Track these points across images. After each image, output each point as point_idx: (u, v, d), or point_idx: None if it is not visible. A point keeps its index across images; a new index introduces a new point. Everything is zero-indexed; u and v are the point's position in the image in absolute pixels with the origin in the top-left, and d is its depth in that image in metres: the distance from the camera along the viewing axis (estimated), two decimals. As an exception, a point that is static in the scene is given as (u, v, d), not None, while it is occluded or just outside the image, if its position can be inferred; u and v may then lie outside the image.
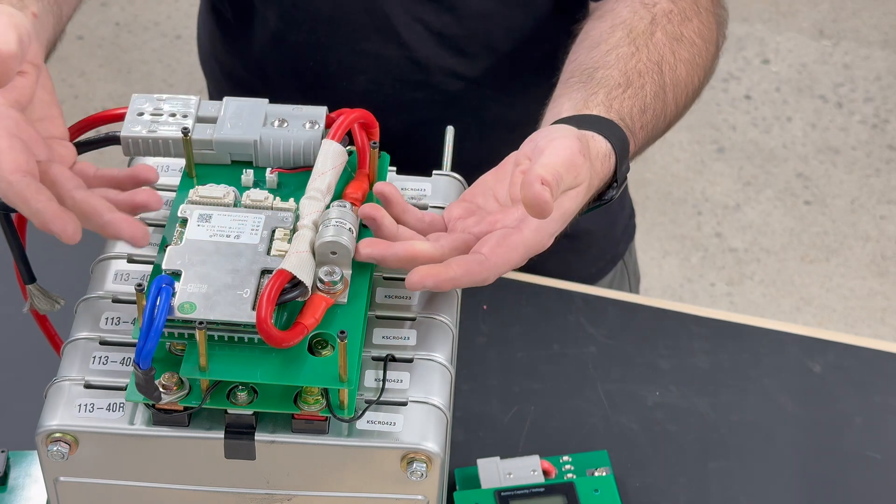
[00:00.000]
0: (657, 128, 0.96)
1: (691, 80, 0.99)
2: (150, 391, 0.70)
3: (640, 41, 0.97)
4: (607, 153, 0.86)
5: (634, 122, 0.91)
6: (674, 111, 0.98)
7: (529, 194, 0.74)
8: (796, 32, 2.67)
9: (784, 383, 1.09)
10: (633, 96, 0.92)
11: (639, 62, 0.95)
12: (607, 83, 0.92)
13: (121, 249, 0.80)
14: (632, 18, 0.99)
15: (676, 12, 1.00)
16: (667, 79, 0.96)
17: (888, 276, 2.26)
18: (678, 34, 0.99)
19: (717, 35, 1.04)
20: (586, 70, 0.95)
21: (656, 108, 0.94)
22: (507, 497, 0.97)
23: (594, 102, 0.90)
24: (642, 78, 0.94)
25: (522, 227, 0.78)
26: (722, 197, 2.37)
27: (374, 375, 0.75)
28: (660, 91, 0.95)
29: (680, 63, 0.98)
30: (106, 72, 2.51)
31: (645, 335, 1.12)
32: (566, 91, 0.93)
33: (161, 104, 0.81)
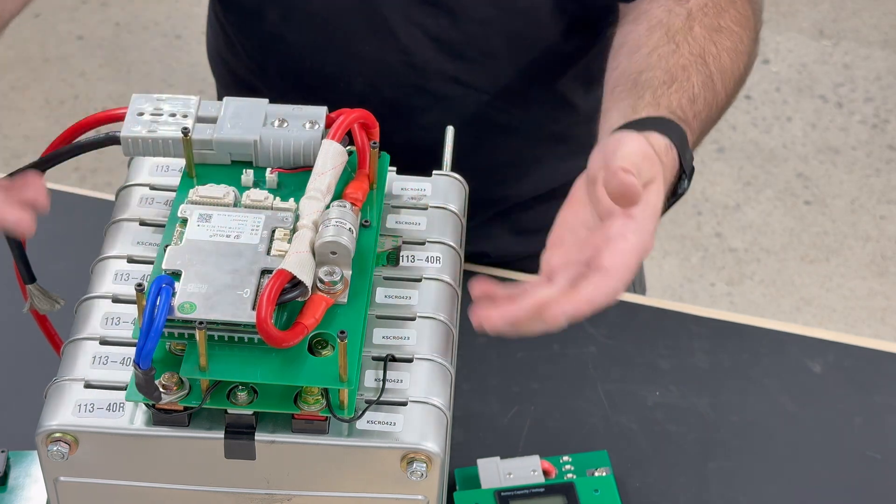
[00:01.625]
0: (710, 116, 0.96)
1: (736, 67, 0.99)
2: (150, 391, 0.70)
3: (679, 37, 0.97)
4: (667, 147, 0.86)
5: (686, 113, 0.91)
6: (724, 98, 0.98)
7: (615, 183, 0.76)
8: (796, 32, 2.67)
9: (784, 383, 1.09)
10: (680, 90, 0.93)
11: (681, 57, 0.95)
12: (652, 84, 0.93)
13: (121, 250, 0.80)
14: (668, 17, 0.99)
15: (711, 5, 1.00)
16: (712, 68, 0.96)
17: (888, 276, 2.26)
18: (716, 25, 0.99)
19: (754, 21, 1.04)
20: (630, 76, 0.95)
21: (706, 96, 0.94)
22: (507, 497, 0.97)
23: (642, 105, 0.90)
24: (686, 71, 0.94)
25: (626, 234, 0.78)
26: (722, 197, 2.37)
27: (374, 375, 0.75)
28: (707, 80, 0.95)
29: (723, 52, 0.98)
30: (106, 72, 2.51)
31: (645, 335, 1.12)
32: (614, 103, 0.93)
33: (161, 104, 0.81)
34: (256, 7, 1.14)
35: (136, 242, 0.80)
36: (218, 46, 1.25)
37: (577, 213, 0.82)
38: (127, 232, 0.81)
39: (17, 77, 2.49)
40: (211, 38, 1.27)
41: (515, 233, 1.26)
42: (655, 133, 0.85)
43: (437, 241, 0.82)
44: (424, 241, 0.82)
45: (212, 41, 1.27)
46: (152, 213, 0.82)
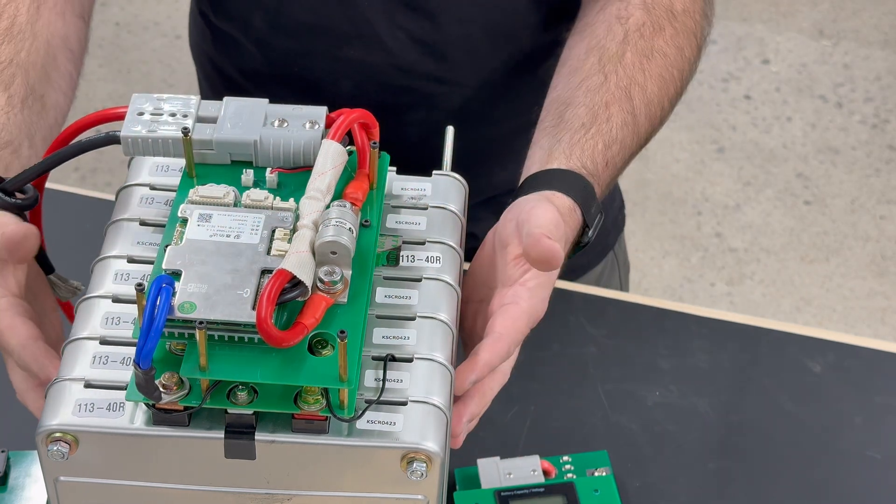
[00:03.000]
0: (628, 154, 1.00)
1: (665, 93, 1.03)
2: (150, 391, 0.70)
3: (609, 67, 1.00)
4: (571, 207, 0.91)
5: (597, 163, 0.95)
6: (648, 129, 1.02)
7: (539, 250, 0.81)
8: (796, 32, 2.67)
9: (784, 383, 1.09)
10: (597, 134, 0.96)
11: (607, 92, 0.99)
12: (572, 125, 0.97)
13: (121, 250, 0.80)
14: (605, 38, 1.02)
15: (649, 24, 1.03)
16: (636, 102, 1.00)
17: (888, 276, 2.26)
18: (648, 50, 1.02)
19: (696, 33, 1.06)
20: (558, 109, 0.99)
21: (624, 136, 0.98)
22: (507, 497, 0.97)
23: (557, 151, 0.95)
24: (609, 110, 0.98)
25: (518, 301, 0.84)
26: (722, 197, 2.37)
27: (374, 375, 0.75)
28: (628, 117, 0.99)
29: (650, 80, 1.01)
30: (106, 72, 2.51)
31: (645, 335, 1.12)
32: (540, 136, 0.98)
33: (161, 104, 0.81)
34: (243, 14, 1.15)
35: (136, 242, 0.80)
36: (203, 46, 1.25)
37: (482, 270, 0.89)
38: (127, 232, 0.81)
39: (17, 77, 2.49)
40: (195, 36, 1.27)
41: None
42: (561, 194, 0.91)
43: (437, 241, 0.82)
44: (424, 241, 0.82)
45: (197, 41, 1.27)
46: (152, 213, 0.82)
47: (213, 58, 1.24)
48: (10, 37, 0.97)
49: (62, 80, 0.99)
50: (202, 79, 1.29)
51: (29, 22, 0.99)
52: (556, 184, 0.91)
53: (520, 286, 0.85)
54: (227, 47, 1.20)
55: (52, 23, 1.00)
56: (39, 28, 0.99)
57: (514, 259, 0.85)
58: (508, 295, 0.84)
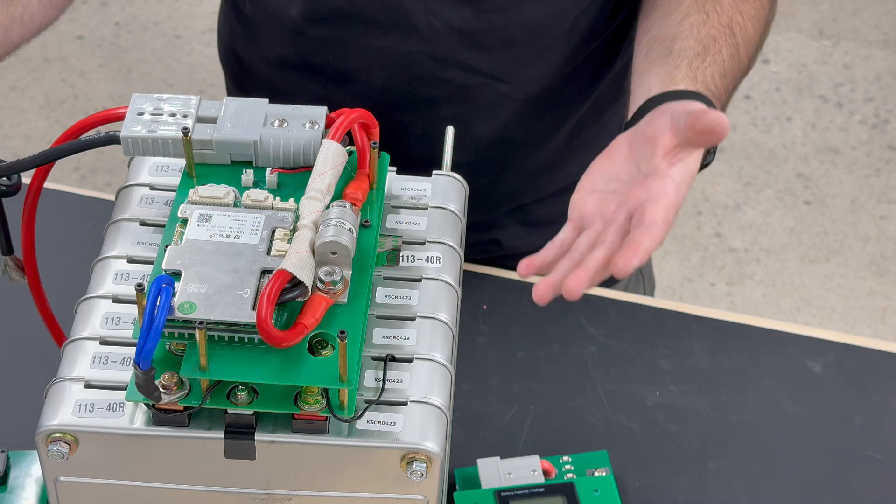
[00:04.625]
0: (735, 86, 1.01)
1: (758, 34, 1.05)
2: (150, 391, 0.70)
3: (708, 6, 1.02)
4: None
5: (718, 89, 0.97)
6: (746, 66, 1.03)
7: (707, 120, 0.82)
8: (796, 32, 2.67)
9: (784, 383, 1.09)
10: (713, 63, 0.98)
11: (711, 28, 1.00)
12: (687, 54, 0.98)
13: (121, 250, 0.80)
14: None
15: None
16: (738, 39, 1.01)
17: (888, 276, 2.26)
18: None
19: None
20: (664, 42, 1.00)
21: (734, 69, 1.00)
22: (507, 497, 0.97)
23: (679, 76, 0.95)
24: (717, 43, 0.99)
25: (667, 192, 0.84)
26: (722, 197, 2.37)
27: (374, 375, 0.75)
28: (735, 52, 1.00)
29: (748, 21, 1.03)
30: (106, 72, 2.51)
31: (645, 335, 1.12)
32: (649, 66, 0.98)
33: (161, 104, 0.81)
34: (278, 4, 1.14)
35: (136, 242, 0.80)
36: (232, 41, 1.25)
37: (613, 165, 0.89)
38: (127, 232, 0.81)
39: (17, 77, 2.49)
40: (224, 33, 1.27)
41: (527, 224, 1.27)
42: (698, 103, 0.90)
43: (437, 241, 0.82)
44: (424, 241, 0.82)
45: (225, 36, 1.27)
46: (152, 213, 0.82)
47: (243, 53, 1.23)
48: None
49: None
50: (228, 79, 1.29)
51: None
52: (688, 98, 0.92)
53: (668, 178, 0.85)
54: (260, 39, 1.20)
55: None
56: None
57: (665, 152, 0.86)
58: (657, 186, 0.85)
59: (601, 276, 0.82)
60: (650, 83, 0.96)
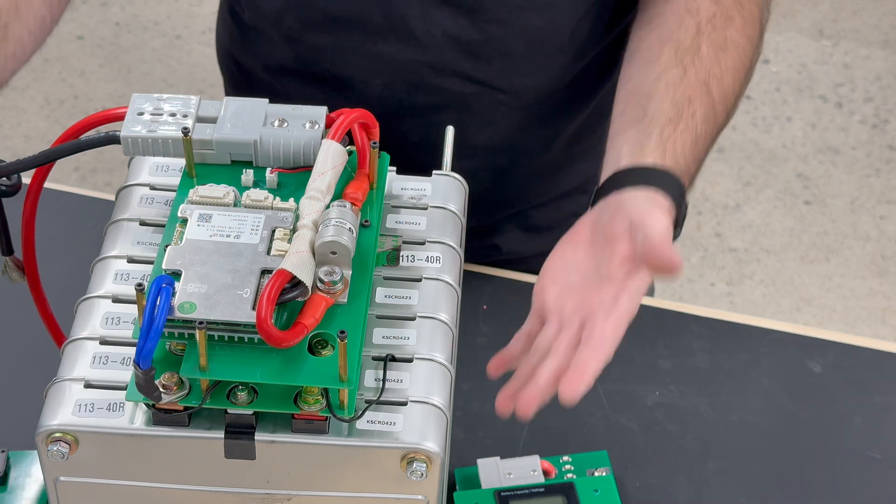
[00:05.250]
0: (710, 147, 1.00)
1: (737, 86, 1.03)
2: (150, 391, 0.70)
3: (687, 59, 1.00)
4: (669, 208, 0.91)
5: (688, 159, 0.96)
6: (724, 121, 1.02)
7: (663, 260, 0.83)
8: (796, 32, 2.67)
9: (784, 383, 1.09)
10: (685, 130, 0.97)
11: (687, 86, 0.99)
12: (659, 119, 0.97)
13: (121, 250, 0.80)
14: (678, 31, 1.02)
15: (720, 15, 1.03)
16: (715, 95, 1.00)
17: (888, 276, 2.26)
18: (722, 41, 1.02)
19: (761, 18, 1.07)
20: (640, 100, 0.99)
21: (707, 131, 0.99)
22: (507, 497, 0.97)
23: (649, 147, 0.95)
24: (692, 105, 0.98)
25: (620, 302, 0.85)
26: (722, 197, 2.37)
27: (374, 375, 0.75)
28: (709, 112, 0.99)
29: (726, 73, 1.02)
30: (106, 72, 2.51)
31: (645, 335, 1.12)
32: (624, 127, 0.98)
33: (161, 104, 0.81)
34: (276, 9, 1.14)
35: (136, 242, 0.80)
36: (231, 46, 1.25)
37: (575, 253, 0.89)
38: (127, 232, 0.81)
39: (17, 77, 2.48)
40: (223, 38, 1.27)
41: (526, 230, 1.27)
42: (661, 194, 0.91)
43: (437, 241, 0.82)
44: (424, 241, 0.82)
45: (223, 41, 1.27)
46: (152, 213, 0.82)
47: (241, 59, 1.23)
48: None
49: (32, 19, 0.99)
50: (227, 83, 1.28)
51: None
52: (655, 182, 0.92)
53: (622, 289, 0.85)
54: (257, 44, 1.19)
55: None
56: None
57: (622, 259, 0.86)
58: (609, 295, 0.85)
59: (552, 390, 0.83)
60: (622, 150, 0.95)
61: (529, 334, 0.89)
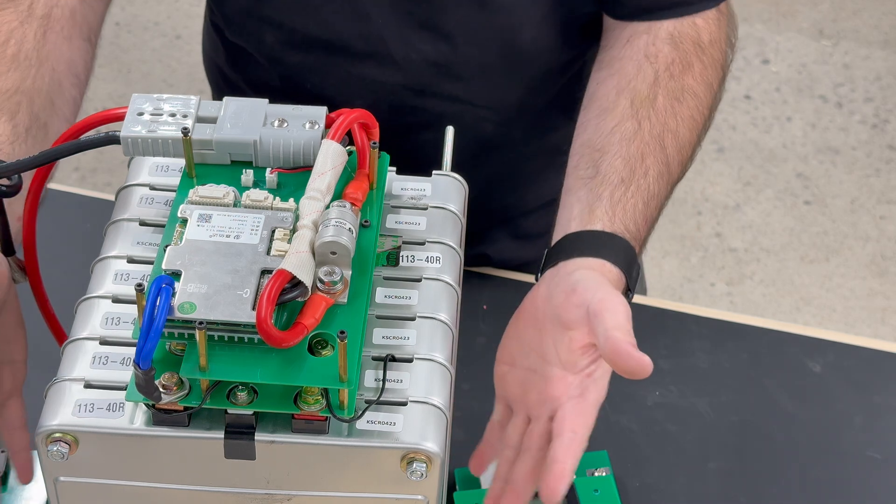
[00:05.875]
0: (663, 205, 0.99)
1: (695, 134, 1.02)
2: (150, 391, 0.70)
3: (642, 112, 0.99)
4: (619, 276, 0.90)
5: (638, 223, 0.95)
6: (679, 175, 1.01)
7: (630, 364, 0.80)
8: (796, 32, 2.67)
9: (784, 383, 1.09)
10: (637, 191, 0.96)
11: (641, 142, 0.98)
12: (611, 179, 0.96)
13: (121, 250, 0.80)
14: (635, 79, 1.01)
15: (678, 62, 1.02)
16: (669, 150, 0.99)
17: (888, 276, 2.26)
18: (679, 91, 1.01)
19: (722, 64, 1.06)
20: (593, 154, 0.98)
21: (660, 189, 0.98)
22: (507, 497, 0.97)
23: (599, 211, 0.94)
24: (645, 162, 0.97)
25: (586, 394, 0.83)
26: (722, 197, 2.37)
27: (374, 375, 0.75)
28: (663, 169, 0.98)
29: (682, 124, 1.01)
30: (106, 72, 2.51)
31: (645, 335, 1.11)
32: (576, 185, 0.97)
33: (161, 104, 0.81)
34: (256, 30, 1.14)
35: (136, 242, 0.80)
36: (216, 57, 1.25)
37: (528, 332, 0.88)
38: (127, 232, 0.81)
39: (17, 77, 2.49)
40: (208, 48, 1.27)
41: (515, 237, 1.27)
42: (610, 265, 0.90)
43: (436, 241, 0.82)
44: (424, 241, 0.82)
45: (209, 52, 1.27)
46: (152, 213, 0.82)
47: (226, 71, 1.23)
48: (16, 64, 0.97)
49: (66, 106, 0.99)
50: (214, 91, 1.29)
51: (35, 48, 0.98)
52: (604, 251, 0.90)
53: (586, 377, 0.84)
54: (240, 62, 1.20)
55: (58, 47, 1.00)
56: (45, 54, 0.99)
57: (582, 349, 0.84)
58: (574, 386, 0.84)
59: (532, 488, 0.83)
60: (573, 211, 0.95)
61: (501, 423, 0.89)
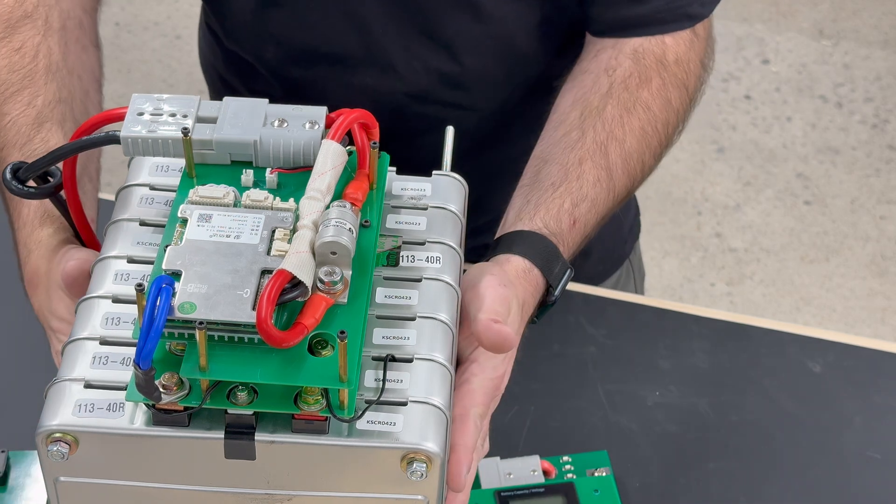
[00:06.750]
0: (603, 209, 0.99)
1: (646, 146, 1.02)
2: (150, 391, 0.70)
3: (588, 122, 1.00)
4: (526, 269, 0.90)
5: (561, 221, 0.95)
6: (626, 184, 1.01)
7: (491, 336, 0.80)
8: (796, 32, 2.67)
9: (784, 383, 1.09)
10: (565, 192, 0.96)
11: (582, 148, 0.98)
12: (543, 184, 0.97)
13: (121, 250, 0.80)
14: (590, 91, 1.02)
15: (636, 75, 1.02)
16: (612, 157, 0.99)
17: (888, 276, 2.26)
18: (631, 103, 1.01)
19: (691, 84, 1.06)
20: (537, 164, 0.99)
21: (597, 193, 0.97)
22: (507, 497, 0.97)
23: (525, 213, 0.95)
24: (581, 167, 0.97)
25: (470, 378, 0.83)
26: (722, 197, 2.37)
27: (374, 375, 0.75)
28: (602, 173, 0.98)
29: (630, 134, 1.00)
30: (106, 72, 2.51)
31: (645, 335, 1.12)
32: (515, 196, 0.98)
33: (161, 104, 0.81)
34: (255, 43, 1.14)
35: (136, 242, 0.80)
36: (213, 60, 1.25)
37: None
38: (127, 232, 0.81)
39: (17, 77, 2.49)
40: (205, 50, 1.27)
41: None
42: (515, 257, 0.90)
43: (437, 241, 0.82)
44: (424, 241, 0.82)
45: (206, 54, 1.27)
46: (152, 213, 0.82)
47: (224, 75, 1.23)
48: (51, 75, 0.98)
49: (95, 111, 1.01)
50: (212, 92, 1.29)
51: (63, 59, 1.00)
52: (515, 246, 0.91)
53: (470, 362, 0.84)
54: (239, 69, 1.20)
55: (79, 57, 1.02)
56: (71, 64, 1.00)
57: (465, 337, 0.84)
58: (461, 373, 0.84)
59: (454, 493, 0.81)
60: (507, 218, 0.96)
61: None
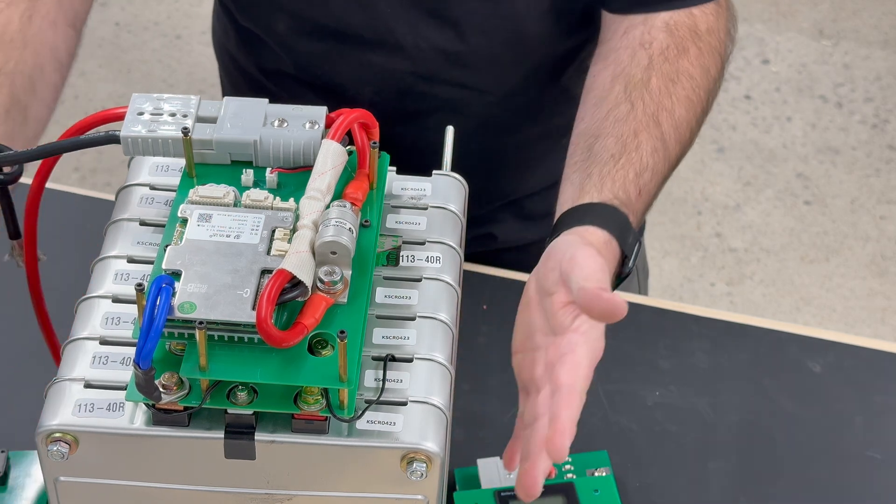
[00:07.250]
0: (661, 179, 0.99)
1: (692, 114, 1.02)
2: (150, 391, 0.70)
3: (635, 94, 1.00)
4: (607, 240, 0.90)
5: (629, 192, 0.95)
6: (678, 152, 1.01)
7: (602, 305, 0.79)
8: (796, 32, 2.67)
9: (784, 383, 1.09)
10: (627, 163, 0.96)
11: (634, 120, 0.98)
12: (601, 157, 0.96)
13: (121, 250, 0.80)
14: (629, 65, 1.02)
15: (673, 47, 1.03)
16: (665, 127, 0.99)
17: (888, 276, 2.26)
18: (674, 73, 1.02)
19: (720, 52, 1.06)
20: (588, 140, 0.99)
21: (656, 163, 0.98)
22: (507, 497, 0.97)
23: (589, 186, 0.94)
24: (638, 138, 0.98)
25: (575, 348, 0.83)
26: (722, 197, 2.37)
27: (374, 375, 0.75)
28: (658, 143, 0.98)
29: (678, 104, 1.01)
30: (106, 72, 2.51)
31: (645, 335, 1.12)
32: (571, 171, 0.97)
33: (161, 104, 0.81)
34: (267, 16, 1.14)
35: (136, 242, 0.80)
36: (227, 42, 1.25)
37: (528, 316, 0.87)
38: (127, 232, 0.81)
39: (17, 77, 2.49)
40: (219, 34, 1.27)
41: (521, 218, 1.28)
42: (594, 228, 0.90)
43: (437, 241, 0.82)
44: (424, 241, 0.82)
45: (220, 38, 1.27)
46: (152, 213, 0.82)
47: (236, 56, 1.24)
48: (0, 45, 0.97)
49: (47, 91, 0.99)
50: (223, 76, 1.29)
51: (20, 30, 0.99)
52: (589, 218, 0.91)
53: (573, 333, 0.83)
54: (251, 46, 1.20)
55: (43, 32, 1.00)
56: (30, 37, 0.99)
57: (563, 306, 0.84)
58: (564, 344, 0.83)
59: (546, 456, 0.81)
60: (567, 193, 0.95)
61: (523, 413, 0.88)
